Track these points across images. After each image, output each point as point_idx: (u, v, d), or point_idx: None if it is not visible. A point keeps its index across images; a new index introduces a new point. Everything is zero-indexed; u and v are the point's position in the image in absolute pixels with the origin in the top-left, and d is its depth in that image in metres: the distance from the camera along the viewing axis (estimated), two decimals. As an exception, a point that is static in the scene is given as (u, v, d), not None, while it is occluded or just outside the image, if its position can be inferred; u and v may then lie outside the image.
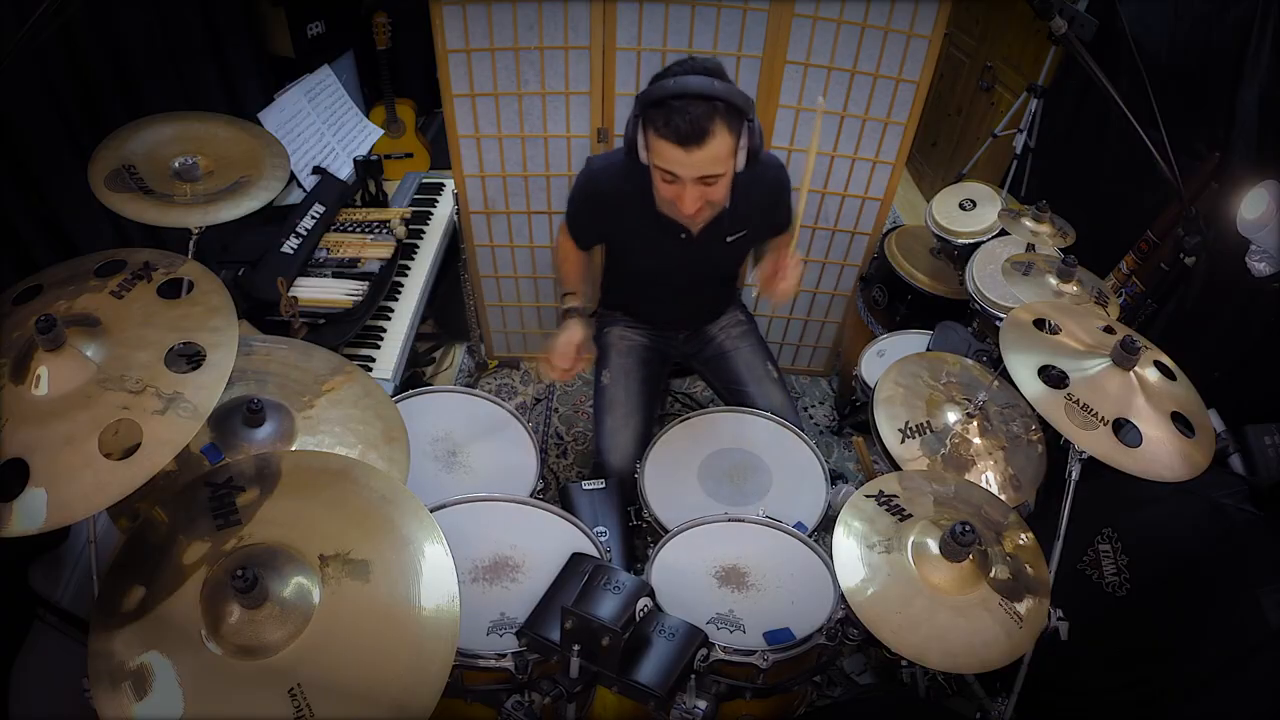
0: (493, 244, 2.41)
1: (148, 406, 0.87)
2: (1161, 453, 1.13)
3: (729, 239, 1.64)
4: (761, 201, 1.63)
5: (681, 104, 1.29)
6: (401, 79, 2.69)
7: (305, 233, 1.92)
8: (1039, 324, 1.29)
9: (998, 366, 1.42)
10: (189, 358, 0.94)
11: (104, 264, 1.02)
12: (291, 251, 1.86)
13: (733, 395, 1.84)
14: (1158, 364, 1.26)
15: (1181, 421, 1.17)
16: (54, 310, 0.91)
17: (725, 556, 1.39)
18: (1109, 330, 1.30)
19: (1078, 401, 1.15)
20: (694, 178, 1.37)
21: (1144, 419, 1.15)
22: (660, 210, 1.56)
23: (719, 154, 1.35)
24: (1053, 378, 1.19)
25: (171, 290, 1.00)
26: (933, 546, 1.11)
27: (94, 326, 0.93)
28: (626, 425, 1.73)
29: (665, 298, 1.81)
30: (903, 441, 1.43)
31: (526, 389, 2.72)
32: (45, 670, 1.32)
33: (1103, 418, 1.14)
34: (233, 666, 0.84)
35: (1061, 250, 1.84)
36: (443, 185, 2.43)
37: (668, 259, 1.65)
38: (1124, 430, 1.14)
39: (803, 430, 1.71)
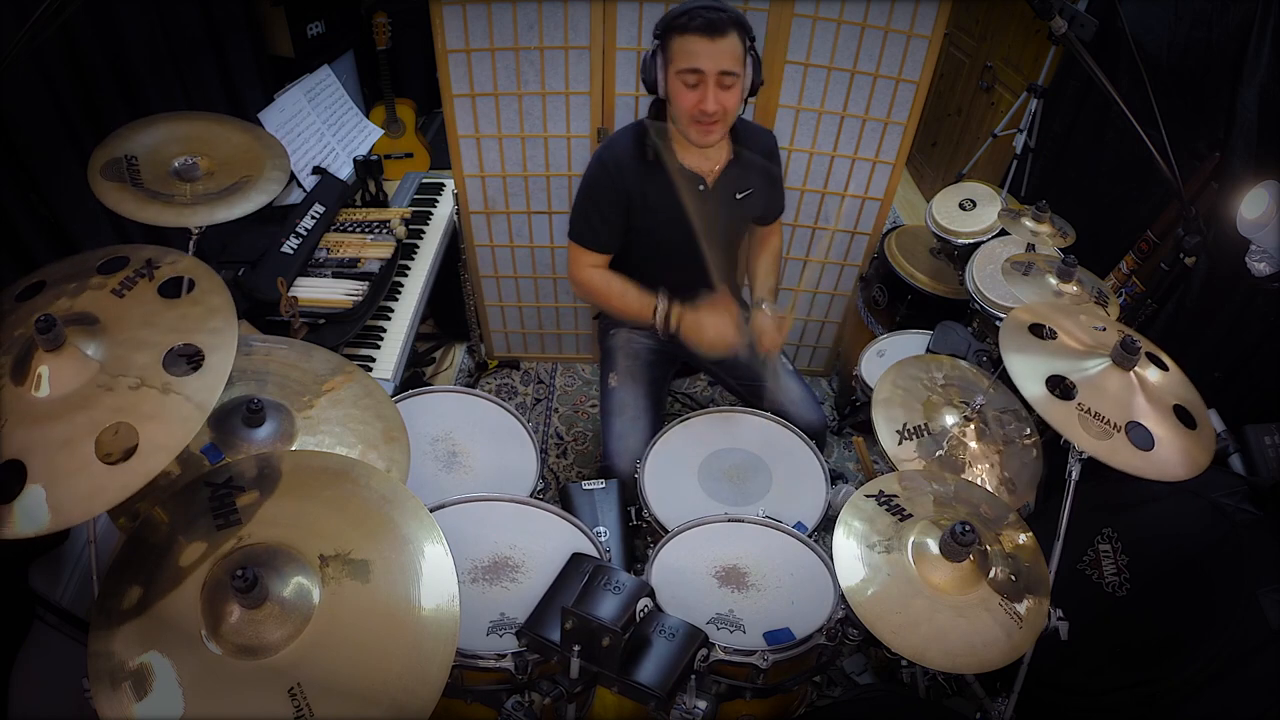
0: (493, 244, 2.42)
1: (144, 410, 0.87)
2: (1174, 453, 1.12)
3: (738, 194, 1.72)
4: (759, 162, 1.72)
5: (704, 7, 1.46)
6: (401, 79, 2.69)
7: (305, 233, 1.92)
8: (1036, 330, 1.28)
9: (997, 367, 1.42)
10: (188, 359, 0.93)
11: (106, 260, 1.01)
12: (291, 251, 1.86)
13: (749, 392, 1.85)
14: (1148, 355, 1.24)
15: (1183, 415, 1.17)
16: (55, 309, 0.91)
17: (725, 556, 1.39)
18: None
19: (1089, 411, 1.14)
20: (717, 72, 1.46)
21: (1150, 418, 1.14)
22: (681, 163, 1.64)
23: (736, 52, 1.48)
24: (1061, 390, 1.17)
25: (172, 289, 0.99)
26: (933, 546, 1.11)
27: (93, 326, 0.93)
28: (634, 428, 1.73)
29: (678, 279, 1.80)
30: (900, 443, 1.43)
31: (526, 389, 2.72)
32: (45, 670, 1.32)
33: (1115, 424, 1.13)
34: (233, 666, 0.84)
35: (1061, 250, 1.84)
36: (443, 185, 2.43)
37: (686, 223, 1.64)
38: (1134, 431, 1.14)
39: (825, 420, 1.75)
